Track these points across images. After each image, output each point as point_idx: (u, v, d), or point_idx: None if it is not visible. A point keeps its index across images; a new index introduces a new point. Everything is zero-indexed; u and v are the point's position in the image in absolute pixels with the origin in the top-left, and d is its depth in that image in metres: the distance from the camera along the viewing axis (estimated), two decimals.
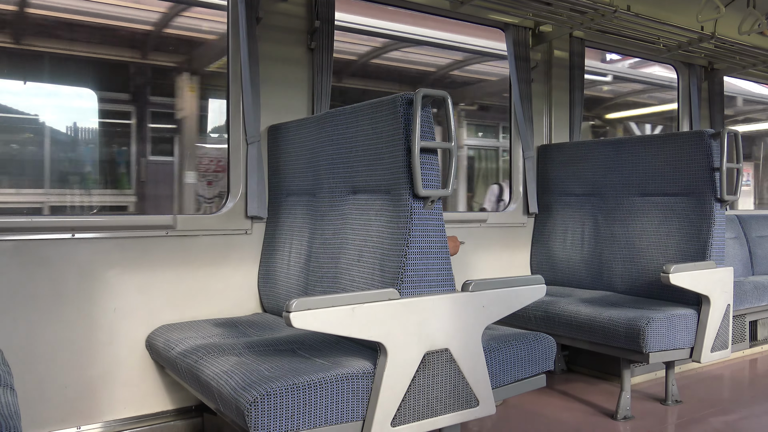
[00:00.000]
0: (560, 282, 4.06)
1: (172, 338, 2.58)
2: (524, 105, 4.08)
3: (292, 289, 2.82)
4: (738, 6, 4.42)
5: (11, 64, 4.58)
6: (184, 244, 2.95)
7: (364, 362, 2.09)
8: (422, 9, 3.87)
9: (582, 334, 3.22)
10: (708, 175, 3.33)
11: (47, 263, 2.64)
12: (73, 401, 2.69)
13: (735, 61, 5.03)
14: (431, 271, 2.19)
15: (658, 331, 2.95)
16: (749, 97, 7.45)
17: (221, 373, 2.07)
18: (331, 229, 2.61)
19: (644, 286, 3.55)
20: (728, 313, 3.21)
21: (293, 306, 1.89)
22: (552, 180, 4.20)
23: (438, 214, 2.21)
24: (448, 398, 2.17)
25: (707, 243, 3.28)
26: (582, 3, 3.67)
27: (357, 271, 2.36)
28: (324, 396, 1.95)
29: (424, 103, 2.14)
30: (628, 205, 3.75)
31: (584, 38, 4.42)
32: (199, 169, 5.00)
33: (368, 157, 2.37)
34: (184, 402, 2.93)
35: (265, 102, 3.14)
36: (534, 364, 2.47)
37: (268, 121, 3.16)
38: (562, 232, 4.10)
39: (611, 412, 3.21)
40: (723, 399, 3.59)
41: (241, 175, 3.10)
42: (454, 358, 2.18)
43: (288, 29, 3.24)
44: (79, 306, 2.70)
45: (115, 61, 5.07)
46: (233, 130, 3.12)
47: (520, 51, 4.09)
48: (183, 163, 5.23)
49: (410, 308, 2.10)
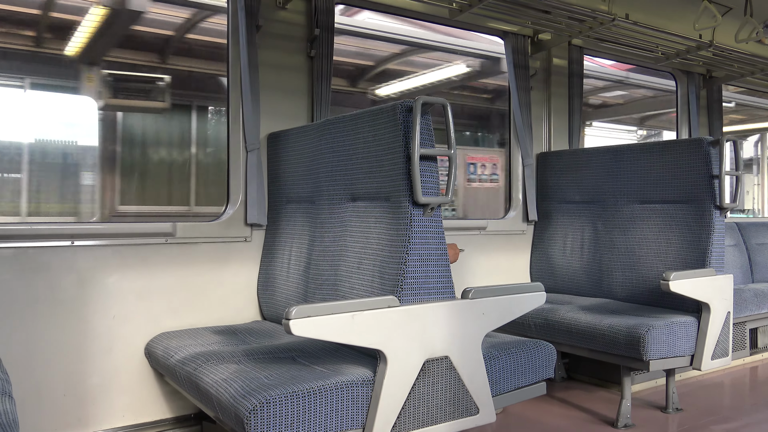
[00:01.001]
0: (560, 289, 4.05)
1: (171, 346, 2.58)
2: (523, 112, 4.09)
3: (291, 297, 2.82)
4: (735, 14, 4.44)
5: None
6: (184, 251, 2.94)
7: (364, 370, 2.09)
8: (422, 18, 3.89)
9: (582, 342, 3.21)
10: (707, 182, 3.33)
11: (46, 270, 2.63)
12: (72, 409, 2.67)
13: (733, 69, 5.05)
14: (431, 278, 2.19)
15: (658, 339, 2.94)
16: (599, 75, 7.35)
17: (220, 380, 2.06)
18: (331, 237, 2.61)
19: (644, 294, 3.55)
20: (728, 320, 3.20)
21: (293, 313, 1.89)
22: (551, 187, 4.20)
23: (438, 222, 2.21)
24: (448, 406, 2.17)
25: (707, 250, 3.28)
26: (580, 11, 3.68)
27: (356, 279, 2.36)
28: (323, 404, 1.94)
29: (424, 111, 2.14)
30: (627, 213, 3.75)
31: (583, 46, 4.44)
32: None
33: (368, 165, 2.37)
34: (183, 410, 2.92)
35: (264, 109, 3.15)
36: (534, 372, 2.46)
37: (268, 128, 3.16)
38: (562, 240, 4.10)
39: (612, 420, 3.20)
40: (724, 407, 3.58)
41: (241, 183, 3.10)
42: (454, 366, 2.17)
43: (288, 37, 3.25)
44: (78, 313, 2.69)
45: None
46: (233, 138, 3.13)
47: (519, 59, 4.10)
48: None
49: (410, 315, 2.10)
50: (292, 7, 3.26)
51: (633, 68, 6.61)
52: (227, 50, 3.16)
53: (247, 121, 3.05)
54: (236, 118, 3.12)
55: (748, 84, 5.74)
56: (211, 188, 5.82)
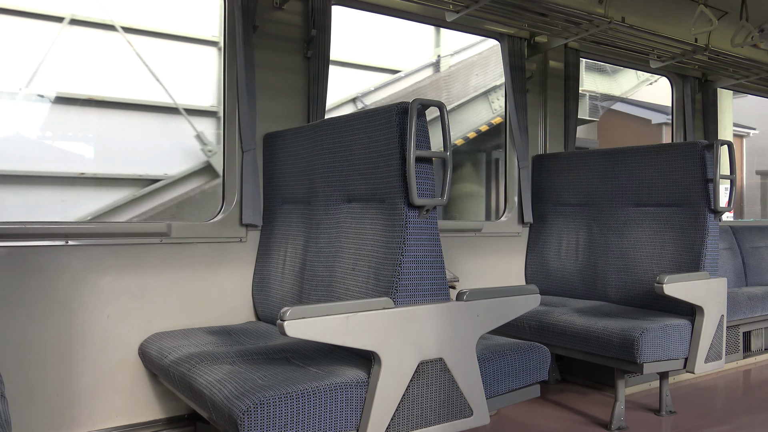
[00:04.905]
0: (555, 292, 4.06)
1: (165, 346, 2.57)
2: (519, 115, 4.10)
3: (286, 298, 2.82)
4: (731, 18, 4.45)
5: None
6: (179, 251, 2.94)
7: (358, 371, 2.09)
8: (418, 20, 3.89)
9: (576, 344, 3.22)
10: (702, 186, 3.34)
11: (40, 270, 2.63)
12: (65, 409, 2.67)
13: (728, 72, 5.07)
14: (426, 280, 2.19)
15: (652, 342, 2.95)
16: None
17: (214, 381, 2.06)
18: (326, 238, 2.61)
19: (638, 297, 3.56)
20: (722, 323, 3.21)
21: (287, 314, 1.89)
22: (547, 190, 4.21)
23: (433, 223, 2.21)
24: (442, 408, 2.17)
25: (701, 254, 3.29)
26: (577, 14, 3.69)
27: (351, 280, 2.36)
28: (317, 405, 1.94)
29: (419, 113, 2.14)
30: (622, 216, 3.76)
31: (579, 49, 4.45)
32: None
33: (363, 166, 2.37)
34: (177, 411, 2.91)
35: (261, 110, 3.14)
36: (528, 374, 2.47)
37: (264, 128, 3.16)
38: (557, 242, 4.10)
39: (605, 422, 3.21)
40: (717, 410, 3.59)
41: (236, 183, 3.10)
42: (448, 368, 2.17)
43: (284, 37, 3.25)
44: (72, 313, 2.68)
45: None
46: (229, 138, 3.12)
47: (516, 61, 4.11)
48: None
49: (404, 317, 2.10)
50: (289, 8, 3.26)
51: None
52: (224, 50, 3.15)
53: (243, 121, 3.04)
54: (232, 118, 3.12)
55: (744, 88, 5.76)
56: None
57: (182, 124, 5.75)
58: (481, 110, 8.19)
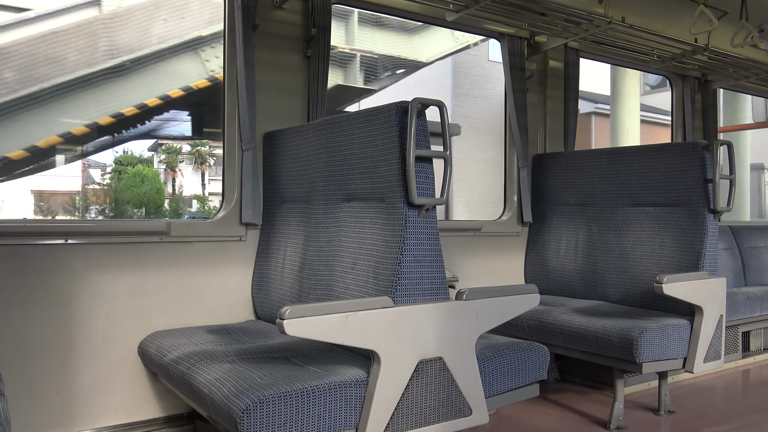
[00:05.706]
0: (554, 291, 4.06)
1: (164, 345, 2.57)
2: (519, 114, 4.10)
3: (285, 297, 2.82)
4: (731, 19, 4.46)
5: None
6: (178, 250, 2.94)
7: (358, 370, 2.09)
8: (418, 18, 3.89)
9: (575, 344, 3.22)
10: (701, 186, 3.34)
11: (40, 268, 2.62)
12: (64, 407, 2.67)
13: (728, 72, 5.08)
14: (425, 279, 2.19)
15: (651, 341, 2.95)
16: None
17: (214, 380, 2.06)
18: (326, 237, 2.61)
19: (638, 296, 3.56)
20: (721, 323, 3.22)
21: (287, 313, 1.89)
22: (546, 189, 4.21)
23: (432, 223, 2.21)
24: (441, 407, 2.17)
25: (700, 254, 3.30)
26: (577, 14, 3.70)
27: (351, 279, 2.36)
28: (317, 404, 1.94)
29: (419, 112, 2.14)
30: (622, 215, 3.77)
31: (579, 49, 4.45)
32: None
33: (363, 165, 2.37)
34: (176, 409, 2.91)
35: (261, 109, 3.14)
36: (527, 374, 2.47)
37: (264, 127, 3.16)
38: (557, 242, 4.10)
39: (604, 422, 3.21)
40: (716, 409, 3.59)
41: (236, 182, 3.10)
42: (447, 367, 2.18)
43: (284, 37, 3.25)
44: (72, 311, 2.68)
45: None
46: (229, 137, 3.12)
47: (516, 61, 4.11)
48: None
49: (404, 316, 2.10)
50: (289, 7, 3.26)
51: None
52: (224, 49, 3.15)
53: (243, 120, 3.04)
54: (232, 117, 3.12)
55: (743, 88, 5.76)
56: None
57: None
58: (187, 68, 6.20)
